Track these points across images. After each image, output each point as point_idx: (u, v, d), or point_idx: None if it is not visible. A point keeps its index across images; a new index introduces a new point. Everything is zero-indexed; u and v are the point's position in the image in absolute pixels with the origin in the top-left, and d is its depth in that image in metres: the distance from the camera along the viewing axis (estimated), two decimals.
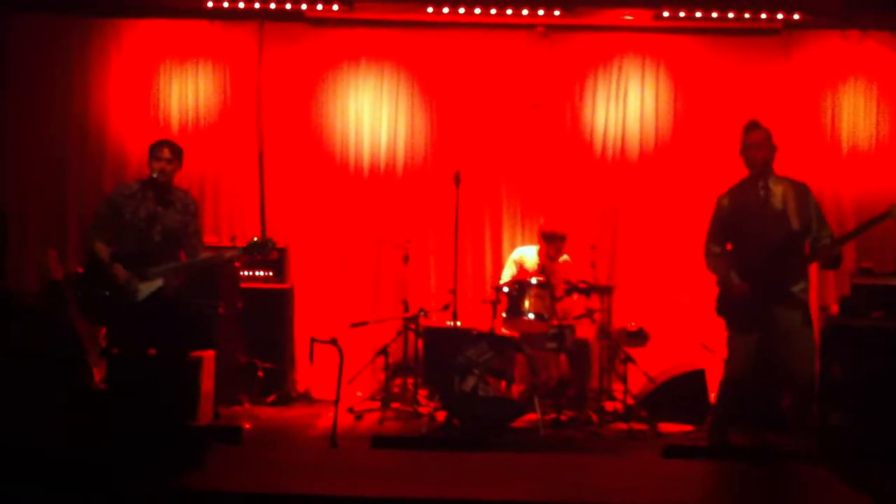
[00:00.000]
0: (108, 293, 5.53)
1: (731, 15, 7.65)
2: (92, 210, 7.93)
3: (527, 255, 7.41)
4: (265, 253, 5.75)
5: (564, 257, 7.36)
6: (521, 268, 7.31)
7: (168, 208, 5.65)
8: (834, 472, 5.13)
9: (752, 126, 5.51)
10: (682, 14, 7.69)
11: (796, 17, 7.66)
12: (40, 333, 6.70)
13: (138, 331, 5.57)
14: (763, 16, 7.66)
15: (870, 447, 5.79)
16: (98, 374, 6.43)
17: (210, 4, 7.80)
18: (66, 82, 8.15)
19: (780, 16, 7.65)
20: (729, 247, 5.61)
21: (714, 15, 7.66)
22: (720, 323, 5.63)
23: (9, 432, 4.06)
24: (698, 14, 7.67)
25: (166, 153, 5.63)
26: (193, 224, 5.77)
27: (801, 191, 5.45)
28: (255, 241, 5.69)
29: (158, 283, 5.52)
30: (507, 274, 7.34)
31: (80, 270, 7.25)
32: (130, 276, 5.49)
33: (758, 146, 5.41)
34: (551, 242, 7.24)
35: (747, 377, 5.40)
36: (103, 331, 6.86)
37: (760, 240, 5.36)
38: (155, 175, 5.58)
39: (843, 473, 4.91)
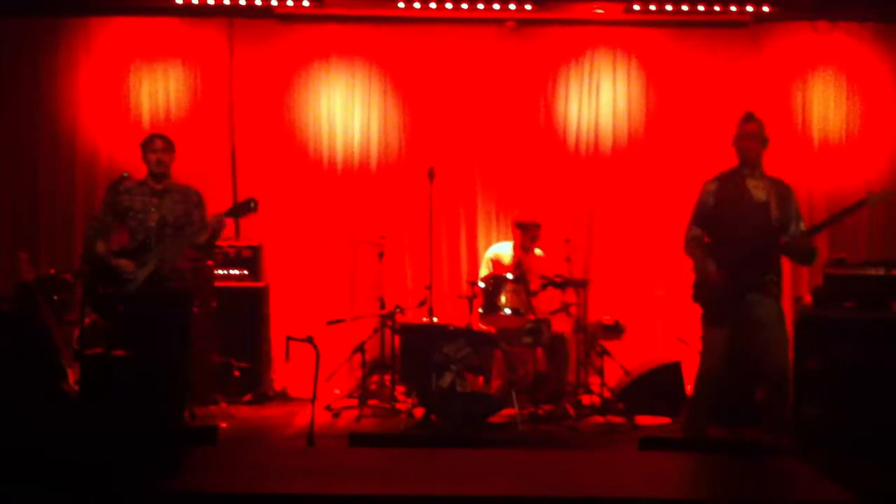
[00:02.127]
0: (110, 289, 5.52)
1: (700, 7, 7.69)
2: (63, 211, 7.94)
3: (502, 251, 7.41)
4: (251, 211, 5.71)
5: (539, 252, 7.36)
6: (496, 264, 7.31)
7: (164, 197, 5.66)
8: (810, 463, 5.17)
9: (748, 117, 5.52)
10: (652, 7, 7.73)
11: (766, 9, 7.71)
12: (13, 336, 6.64)
13: (128, 325, 5.54)
14: (733, 8, 7.70)
15: (845, 438, 5.83)
16: (72, 375, 6.36)
17: (179, 1, 7.73)
18: (34, 83, 8.09)
19: (749, 8, 7.69)
20: (707, 239, 5.63)
21: (684, 8, 7.71)
22: (696, 316, 5.64)
23: None
24: (668, 7, 7.72)
25: (159, 144, 5.73)
26: (198, 214, 5.76)
27: (784, 190, 5.47)
28: (238, 203, 5.68)
29: (151, 266, 5.51)
30: (484, 272, 7.34)
31: (52, 272, 7.22)
32: (119, 263, 5.50)
33: (752, 136, 5.43)
34: (526, 231, 7.25)
35: (723, 369, 5.41)
36: (76, 333, 6.81)
37: (740, 230, 5.37)
38: (152, 168, 5.64)
39: (819, 465, 4.95)
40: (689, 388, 6.71)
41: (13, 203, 8.04)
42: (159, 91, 8.16)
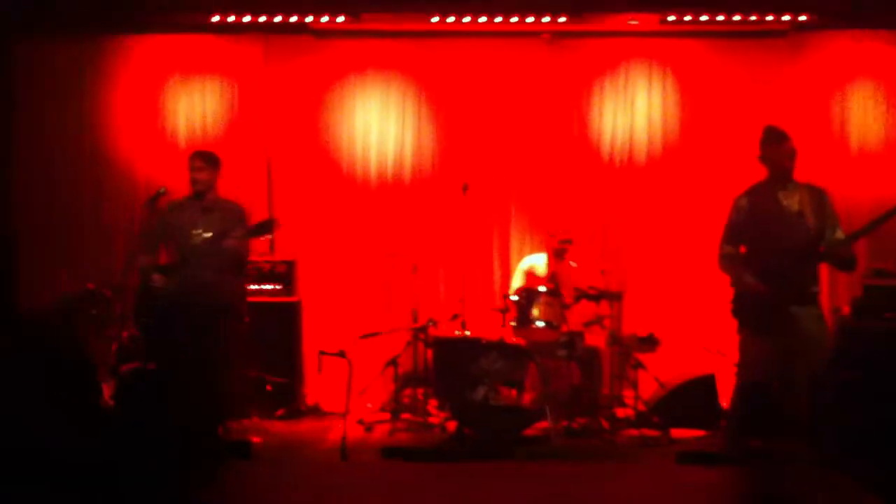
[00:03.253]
0: (151, 302, 5.62)
1: (737, 17, 7.58)
2: (104, 225, 8.04)
3: (536, 263, 7.38)
4: (271, 231, 5.74)
5: (573, 264, 7.32)
6: (530, 276, 7.27)
7: (208, 214, 5.73)
8: (850, 476, 5.09)
9: (781, 136, 5.46)
10: (687, 18, 7.64)
11: (803, 18, 7.59)
12: (50, 351, 6.70)
13: (175, 340, 5.60)
14: (769, 17, 7.58)
15: (886, 450, 5.72)
16: (108, 391, 6.41)
17: (215, 19, 7.79)
18: (73, 100, 8.18)
19: (786, 17, 7.58)
20: (742, 249, 5.58)
21: (720, 18, 7.60)
22: (731, 327, 5.58)
23: (20, 443, 4.05)
24: (704, 17, 7.62)
25: (197, 163, 5.85)
26: (238, 231, 5.80)
27: (818, 196, 5.43)
28: (260, 222, 5.71)
29: (193, 288, 5.57)
30: (516, 284, 7.31)
31: (91, 287, 7.30)
32: (162, 278, 5.57)
33: (789, 156, 5.40)
34: (558, 245, 7.21)
35: (763, 380, 5.35)
36: (114, 347, 6.88)
37: (778, 242, 5.33)
38: (195, 186, 5.72)
39: (859, 477, 4.87)
40: (723, 401, 6.63)
41: (53, 219, 8.14)
42: (196, 107, 8.24)
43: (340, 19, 7.79)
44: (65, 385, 6.03)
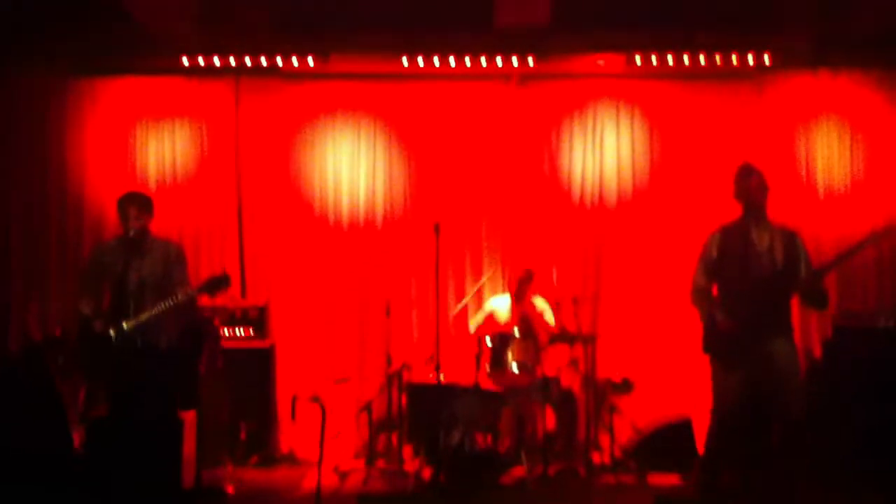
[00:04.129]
0: (92, 349, 5.50)
1: (702, 59, 7.69)
2: (72, 268, 7.94)
3: (499, 306, 7.41)
4: (222, 288, 5.65)
5: (541, 303, 7.33)
6: (490, 318, 7.30)
7: (144, 258, 5.61)
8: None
9: (748, 170, 5.54)
10: (653, 59, 7.73)
11: (766, 58, 7.71)
12: (19, 398, 6.61)
13: (123, 389, 5.50)
14: (734, 59, 7.70)
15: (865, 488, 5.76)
16: (77, 438, 6.32)
17: (185, 63, 7.77)
18: (43, 141, 8.14)
19: (750, 59, 7.70)
20: (714, 290, 5.62)
21: (685, 60, 7.71)
22: (706, 368, 5.61)
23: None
24: (670, 59, 7.71)
25: (132, 211, 5.61)
26: (178, 273, 5.69)
27: (789, 238, 5.49)
28: (212, 278, 5.61)
29: (132, 336, 5.45)
30: (476, 320, 7.34)
31: (58, 334, 7.21)
32: (100, 326, 5.47)
33: (758, 189, 5.47)
34: (517, 284, 7.27)
35: (736, 414, 5.37)
36: (82, 394, 6.78)
37: (746, 279, 5.39)
38: (130, 233, 5.59)
39: None
40: (700, 446, 6.64)
41: (24, 260, 8.04)
42: (166, 148, 8.21)
43: (310, 61, 7.81)
44: (37, 435, 5.95)
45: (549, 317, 7.36)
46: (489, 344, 6.68)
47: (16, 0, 7.08)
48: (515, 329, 6.73)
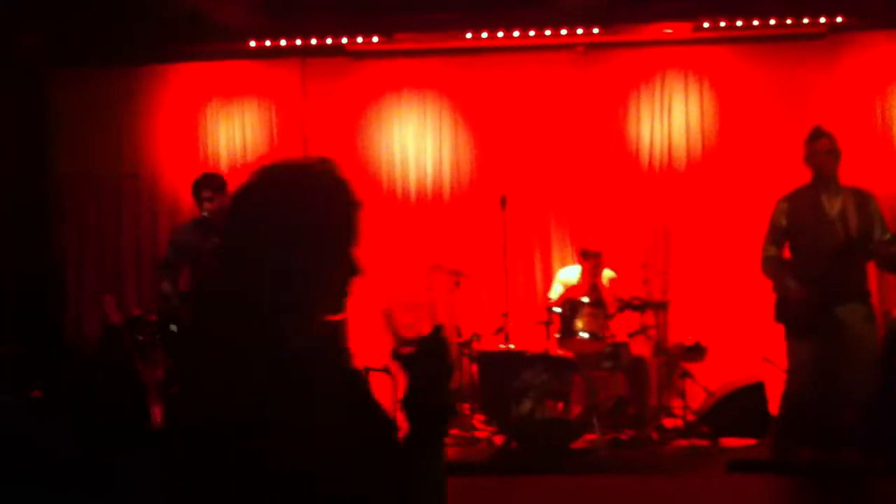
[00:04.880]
0: (175, 329, 5.64)
1: (772, 21, 7.53)
2: (148, 253, 8.15)
3: (569, 275, 7.38)
4: None
5: (609, 274, 7.28)
6: (566, 287, 7.27)
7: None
8: None
9: (819, 132, 5.45)
10: (722, 24, 7.60)
11: (839, 19, 7.53)
12: (100, 381, 6.81)
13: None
14: (805, 20, 7.52)
15: None
16: (158, 414, 6.49)
17: (252, 44, 7.90)
18: (115, 130, 8.34)
19: (822, 19, 7.52)
20: (787, 254, 5.54)
21: (755, 23, 7.55)
22: (779, 335, 5.52)
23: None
24: (739, 23, 7.57)
25: (205, 193, 5.74)
26: None
27: (862, 198, 5.38)
28: None
29: None
30: (555, 291, 7.32)
31: (137, 313, 7.40)
32: (183, 304, 5.60)
33: (826, 152, 5.36)
34: (586, 259, 7.18)
35: (811, 386, 5.28)
36: (161, 371, 6.96)
37: (819, 245, 5.30)
38: (204, 213, 5.70)
39: None
40: (773, 409, 6.55)
41: (99, 247, 8.28)
42: (235, 131, 8.36)
43: (375, 40, 7.87)
44: (117, 414, 6.13)
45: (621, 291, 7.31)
46: (558, 311, 6.68)
47: None
48: (584, 297, 6.71)
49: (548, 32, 7.74)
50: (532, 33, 7.75)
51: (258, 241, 1.72)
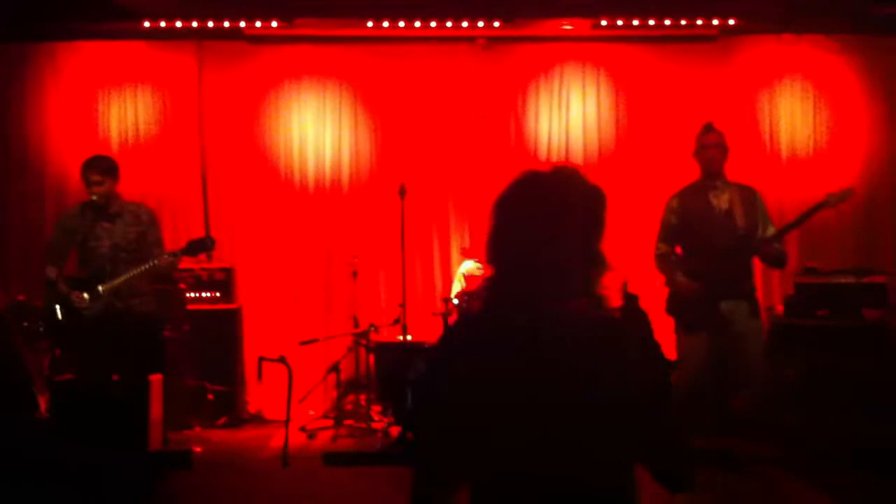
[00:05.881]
0: (60, 316, 5.45)
1: (668, 22, 7.73)
2: (34, 237, 7.85)
3: (472, 267, 7.42)
4: (206, 249, 5.65)
5: None
6: (469, 280, 7.31)
7: (115, 222, 5.57)
8: (791, 472, 5.18)
9: (708, 128, 5.62)
10: (619, 23, 7.76)
11: (731, 22, 7.76)
12: None
13: (93, 353, 5.48)
14: (699, 22, 7.75)
15: (823, 446, 5.85)
16: (43, 403, 6.27)
17: (147, 25, 7.69)
18: (2, 108, 8.02)
19: (715, 21, 7.74)
20: (678, 250, 5.68)
21: (651, 22, 7.74)
22: (670, 328, 5.66)
23: None
24: (636, 22, 7.75)
25: (94, 176, 5.56)
26: (152, 233, 5.68)
27: (748, 195, 5.55)
28: (194, 240, 5.59)
29: (107, 298, 5.41)
30: (457, 288, 7.34)
31: (21, 298, 7.14)
32: (72, 290, 5.41)
33: (714, 146, 5.52)
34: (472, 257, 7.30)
35: (701, 378, 5.43)
36: (47, 360, 6.73)
37: (708, 241, 5.45)
38: (93, 197, 5.53)
39: (799, 474, 4.96)
40: None
41: None
42: (128, 114, 8.12)
43: (274, 24, 7.76)
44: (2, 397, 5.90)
45: None
46: (456, 303, 6.71)
47: None
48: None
49: (449, 24, 7.75)
50: (433, 24, 7.75)
51: (527, 241, 2.06)
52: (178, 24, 7.71)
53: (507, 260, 2.07)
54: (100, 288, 5.42)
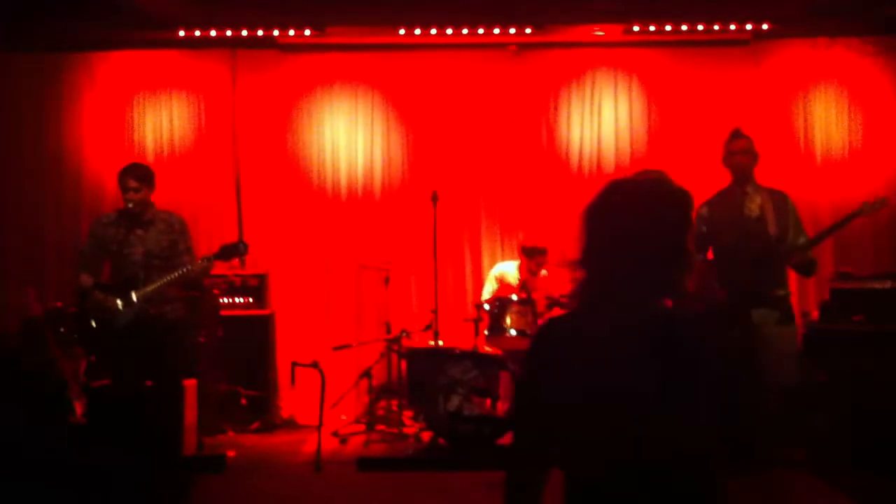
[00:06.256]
0: (94, 323, 5.50)
1: (700, 27, 7.71)
2: (70, 244, 7.95)
3: (507, 270, 7.41)
4: (239, 254, 5.69)
5: (543, 272, 7.35)
6: (501, 283, 7.31)
7: (148, 229, 5.63)
8: (821, 477, 5.14)
9: (736, 133, 5.56)
10: (651, 28, 7.75)
11: (764, 26, 7.72)
12: (20, 373, 6.64)
13: (126, 359, 5.53)
14: (732, 27, 7.72)
15: (854, 451, 5.79)
16: (79, 408, 6.36)
17: (181, 34, 7.78)
18: (39, 117, 8.16)
19: (748, 26, 7.71)
20: (710, 255, 5.64)
21: (683, 28, 7.72)
22: None
23: None
24: (668, 27, 7.73)
25: (131, 183, 5.60)
26: (183, 242, 5.71)
27: (779, 199, 5.48)
28: (227, 245, 5.62)
29: (140, 305, 5.47)
30: (488, 290, 7.35)
31: (59, 305, 7.24)
32: (106, 297, 5.46)
33: (743, 152, 5.46)
34: (532, 257, 7.24)
35: None
36: (83, 365, 6.82)
37: (739, 248, 5.39)
38: (129, 205, 5.58)
39: (829, 478, 4.92)
40: None
41: (19, 238, 8.07)
42: (163, 122, 8.22)
43: (306, 33, 7.82)
44: (37, 406, 5.98)
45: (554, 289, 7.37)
46: (487, 309, 6.72)
47: None
48: (514, 295, 6.76)
49: (480, 31, 7.78)
50: (465, 31, 7.78)
51: (622, 246, 2.13)
52: (213, 32, 7.80)
53: (601, 264, 2.16)
54: (133, 295, 5.47)
